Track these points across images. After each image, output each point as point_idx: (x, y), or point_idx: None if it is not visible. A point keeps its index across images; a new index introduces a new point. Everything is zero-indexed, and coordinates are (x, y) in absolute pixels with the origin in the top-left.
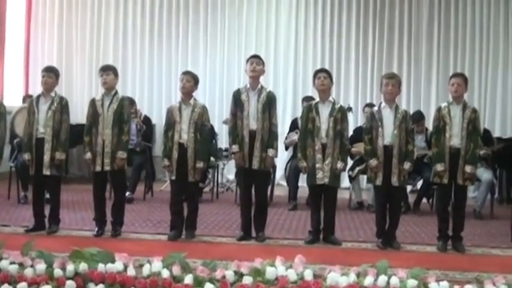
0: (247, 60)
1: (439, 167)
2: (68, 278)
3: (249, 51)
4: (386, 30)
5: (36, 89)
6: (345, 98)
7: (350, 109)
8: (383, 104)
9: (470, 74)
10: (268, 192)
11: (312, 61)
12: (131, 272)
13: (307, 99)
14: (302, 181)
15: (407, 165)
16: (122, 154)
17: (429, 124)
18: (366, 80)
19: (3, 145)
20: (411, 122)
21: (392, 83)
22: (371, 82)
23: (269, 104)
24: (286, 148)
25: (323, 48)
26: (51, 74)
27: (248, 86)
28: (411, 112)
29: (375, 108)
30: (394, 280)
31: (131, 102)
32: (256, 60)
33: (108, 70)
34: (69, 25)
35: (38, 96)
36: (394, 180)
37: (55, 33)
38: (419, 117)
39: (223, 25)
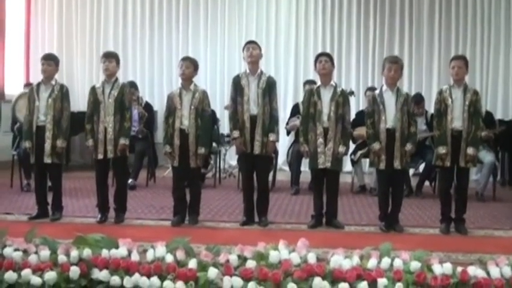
0: (244, 47)
1: (441, 150)
2: (72, 264)
3: (249, 37)
4: (387, 13)
5: (37, 77)
6: (346, 82)
7: (351, 93)
8: (385, 88)
9: (471, 56)
10: (271, 177)
11: (313, 45)
12: (135, 257)
13: (310, 82)
14: (304, 166)
15: (409, 147)
16: (124, 140)
17: (431, 107)
18: (367, 63)
19: None
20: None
21: (395, 68)
22: (372, 65)
23: (269, 88)
24: (288, 133)
25: (323, 32)
26: (50, 61)
27: (248, 71)
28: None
29: (377, 91)
30: (397, 262)
31: (134, 87)
32: (252, 45)
33: (110, 57)
34: (69, 12)
35: (38, 84)
36: (396, 164)
37: (55, 21)
38: (419, 99)
39: (224, 10)
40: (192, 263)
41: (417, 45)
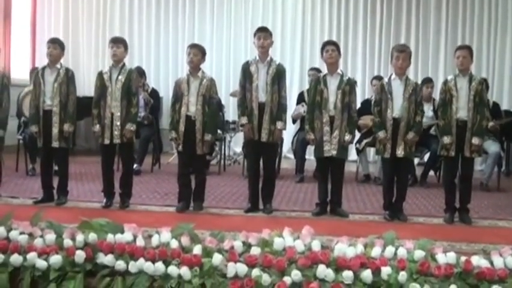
0: (255, 34)
1: (446, 140)
2: (78, 248)
3: (255, 23)
4: (394, 1)
5: (43, 61)
6: (352, 70)
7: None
8: (393, 76)
9: (478, 47)
10: (276, 165)
11: (319, 33)
12: (140, 242)
13: (314, 70)
14: (309, 154)
15: (410, 135)
16: (131, 126)
17: (437, 95)
18: (374, 50)
19: (8, 116)
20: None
21: (403, 57)
22: (379, 53)
23: (278, 76)
24: (294, 121)
25: (330, 20)
26: (56, 45)
27: (257, 58)
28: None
29: (385, 80)
30: (401, 251)
31: (141, 74)
32: (263, 34)
33: (119, 43)
34: None
35: (44, 68)
36: (399, 152)
37: (61, 5)
38: (428, 79)
39: None
40: (197, 249)
41: (424, 34)
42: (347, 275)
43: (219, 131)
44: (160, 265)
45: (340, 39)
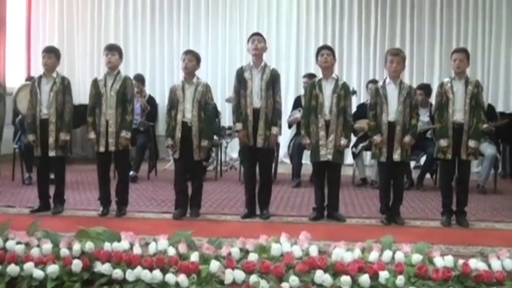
0: (249, 39)
1: (443, 143)
2: (75, 257)
3: (250, 29)
4: (388, 5)
5: (38, 70)
6: (347, 75)
7: (354, 92)
8: (388, 80)
9: (473, 49)
10: (272, 170)
11: (314, 38)
12: (137, 250)
13: (308, 76)
14: (306, 158)
15: (407, 139)
16: (126, 134)
17: (433, 99)
18: (368, 55)
19: (3, 126)
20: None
21: (397, 60)
22: (374, 57)
23: (273, 81)
24: (290, 126)
25: (325, 25)
26: (51, 54)
27: (251, 63)
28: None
29: (380, 84)
30: (399, 255)
31: (142, 80)
32: (257, 37)
33: (113, 50)
34: (70, 5)
35: (40, 77)
36: (396, 156)
37: (56, 13)
38: (419, 86)
39: (225, 3)
40: (194, 256)
41: (419, 38)
42: (345, 279)
43: (215, 137)
44: (157, 273)
45: (335, 44)
